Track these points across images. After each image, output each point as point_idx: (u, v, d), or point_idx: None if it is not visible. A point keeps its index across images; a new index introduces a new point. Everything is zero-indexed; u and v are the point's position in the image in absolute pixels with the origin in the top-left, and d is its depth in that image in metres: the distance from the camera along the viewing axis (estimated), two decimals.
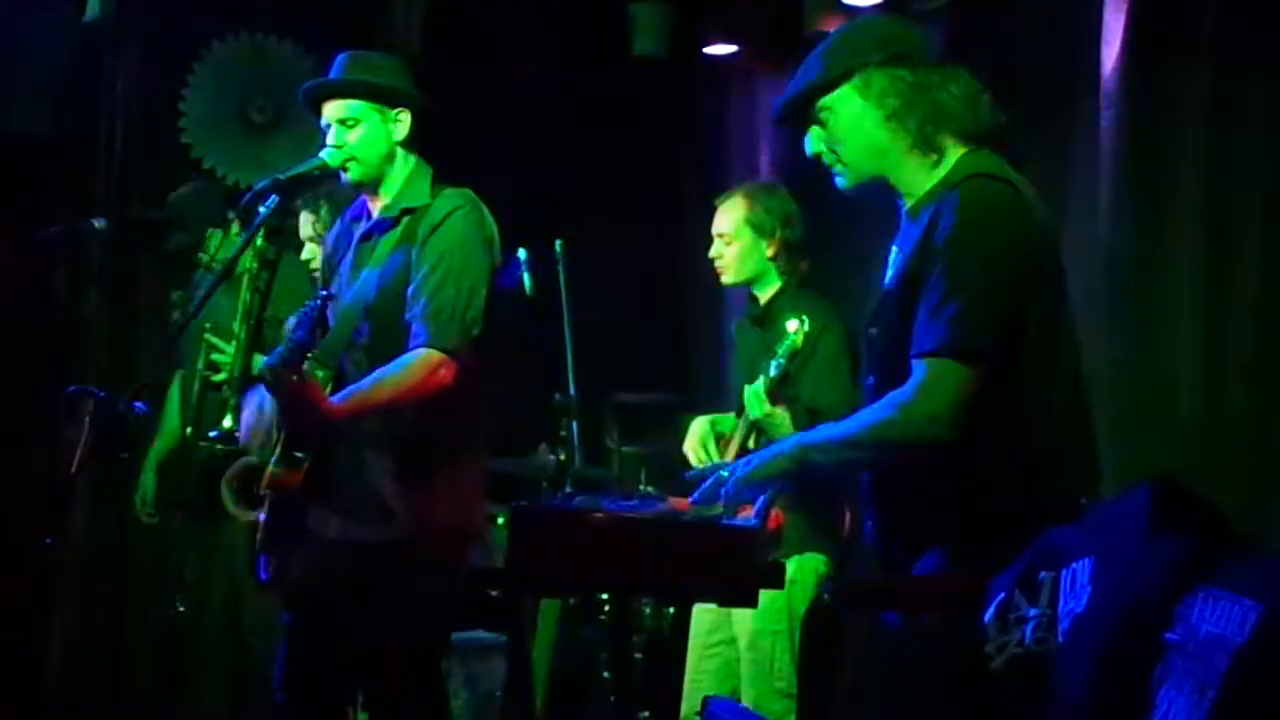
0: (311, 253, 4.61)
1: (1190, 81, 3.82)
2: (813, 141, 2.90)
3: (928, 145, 2.81)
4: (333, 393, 3.64)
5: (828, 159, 2.91)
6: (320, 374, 3.65)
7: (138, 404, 4.14)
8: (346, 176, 3.76)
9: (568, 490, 4.76)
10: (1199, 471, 3.63)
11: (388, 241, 3.76)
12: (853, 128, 2.85)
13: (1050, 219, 2.90)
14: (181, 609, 5.12)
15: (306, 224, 4.61)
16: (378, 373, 3.61)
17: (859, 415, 2.80)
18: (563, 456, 5.15)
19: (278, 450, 3.68)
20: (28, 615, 5.42)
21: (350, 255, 3.85)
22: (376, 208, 3.81)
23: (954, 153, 2.83)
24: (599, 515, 2.81)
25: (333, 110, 3.75)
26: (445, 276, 3.64)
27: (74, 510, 5.68)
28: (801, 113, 2.91)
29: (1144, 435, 3.83)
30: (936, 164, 2.83)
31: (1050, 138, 4.25)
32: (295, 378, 3.47)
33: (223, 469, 4.61)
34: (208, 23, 6.09)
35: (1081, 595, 2.19)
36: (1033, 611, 2.28)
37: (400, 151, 3.78)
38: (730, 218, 4.46)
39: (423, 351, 3.60)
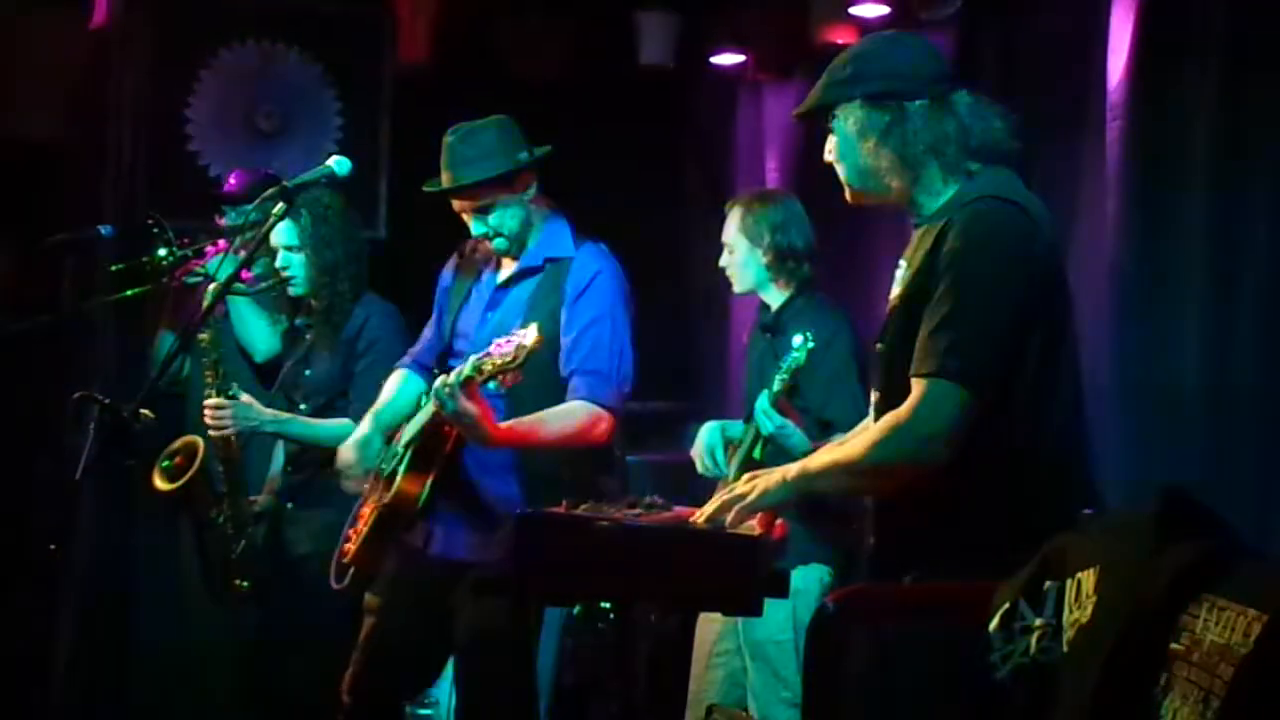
0: (287, 260, 4.49)
1: (1197, 92, 3.82)
2: (829, 150, 2.97)
3: (913, 175, 2.85)
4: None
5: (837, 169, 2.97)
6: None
7: (144, 411, 4.14)
8: (498, 251, 3.90)
9: (572, 498, 4.73)
10: (1204, 482, 3.62)
11: (532, 288, 3.87)
12: (846, 150, 2.92)
13: (1057, 240, 2.90)
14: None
15: (286, 231, 4.43)
16: (542, 413, 3.72)
17: (859, 439, 2.81)
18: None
19: (405, 461, 3.75)
20: (31, 621, 5.43)
21: (479, 296, 3.97)
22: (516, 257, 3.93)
23: (956, 174, 2.84)
24: (603, 524, 2.81)
25: (463, 204, 3.85)
26: (599, 340, 3.79)
27: (78, 517, 5.67)
28: (819, 118, 2.98)
29: (1150, 446, 3.82)
30: (936, 186, 2.85)
31: (1057, 148, 4.24)
32: (473, 397, 3.53)
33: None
34: (216, 30, 6.09)
35: (1086, 604, 2.19)
36: (1038, 621, 2.27)
37: (533, 209, 3.91)
38: (729, 227, 4.48)
39: (587, 404, 3.74)
